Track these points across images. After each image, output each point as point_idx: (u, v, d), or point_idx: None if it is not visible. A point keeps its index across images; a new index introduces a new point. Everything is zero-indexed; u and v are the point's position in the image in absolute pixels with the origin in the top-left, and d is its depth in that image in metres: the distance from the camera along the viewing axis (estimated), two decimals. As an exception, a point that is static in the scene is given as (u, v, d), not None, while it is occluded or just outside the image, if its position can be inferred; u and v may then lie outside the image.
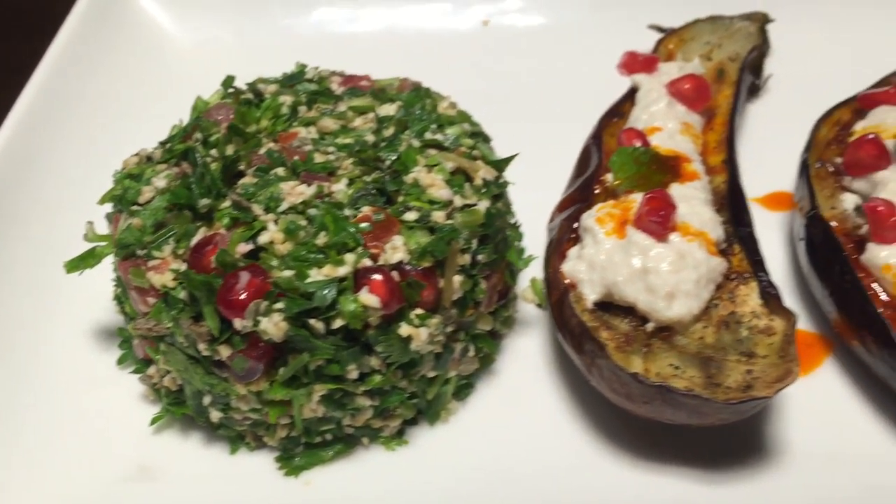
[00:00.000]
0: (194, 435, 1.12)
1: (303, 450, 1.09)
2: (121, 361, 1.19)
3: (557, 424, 1.12)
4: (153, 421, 1.12)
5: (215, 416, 1.07)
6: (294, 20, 1.75)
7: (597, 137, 1.37)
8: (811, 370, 1.17)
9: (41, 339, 1.20)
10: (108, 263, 1.14)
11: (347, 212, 1.04)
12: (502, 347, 1.21)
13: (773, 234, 1.34)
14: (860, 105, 1.41)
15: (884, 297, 1.11)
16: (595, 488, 1.05)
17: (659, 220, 1.09)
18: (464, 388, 1.15)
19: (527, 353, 1.21)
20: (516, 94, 1.63)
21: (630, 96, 1.45)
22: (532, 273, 1.27)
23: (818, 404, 1.12)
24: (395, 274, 1.00)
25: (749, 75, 1.56)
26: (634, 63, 1.50)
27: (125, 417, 1.13)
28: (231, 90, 1.26)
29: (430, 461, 1.09)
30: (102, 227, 1.14)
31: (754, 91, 1.61)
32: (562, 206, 1.26)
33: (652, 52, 1.58)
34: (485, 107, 1.53)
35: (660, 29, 1.67)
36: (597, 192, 1.26)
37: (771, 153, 1.44)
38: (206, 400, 1.06)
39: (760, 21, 1.65)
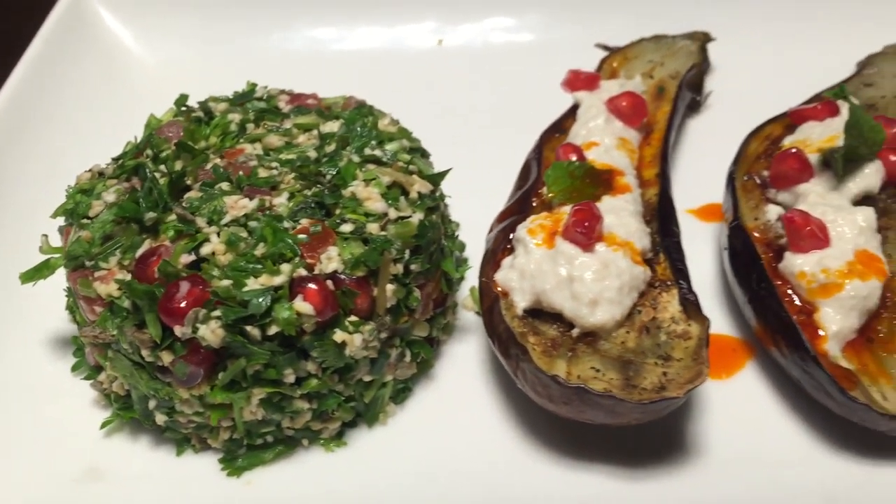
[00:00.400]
0: (143, 438, 1.17)
1: (245, 451, 1.13)
2: (74, 369, 1.23)
3: (491, 426, 1.17)
4: (103, 425, 1.17)
5: (161, 419, 1.11)
6: (255, 41, 1.80)
7: (537, 152, 1.42)
8: (733, 373, 1.22)
9: (-2, 348, 1.25)
10: (61, 274, 1.18)
11: (287, 224, 1.09)
12: (442, 353, 1.26)
13: (704, 245, 1.39)
14: (791, 120, 1.47)
15: (798, 303, 1.16)
16: (524, 486, 1.10)
17: (584, 231, 1.14)
18: (401, 392, 1.20)
19: (465, 358, 1.26)
20: (469, 111, 1.68)
21: (572, 112, 1.51)
22: (474, 282, 1.33)
23: (738, 406, 1.17)
24: (329, 283, 1.05)
25: (688, 92, 1.61)
26: (577, 81, 1.56)
27: (77, 422, 1.18)
28: (184, 108, 1.31)
29: (368, 462, 1.14)
30: (57, 240, 1.19)
31: (695, 107, 1.67)
32: (500, 218, 1.31)
33: (596, 70, 1.64)
34: (438, 123, 1.60)
35: (606, 48, 1.73)
36: (534, 204, 1.31)
37: (707, 166, 1.49)
38: (152, 404, 1.11)
39: (701, 40, 1.71)
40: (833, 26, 1.81)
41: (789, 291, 1.18)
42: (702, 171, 1.50)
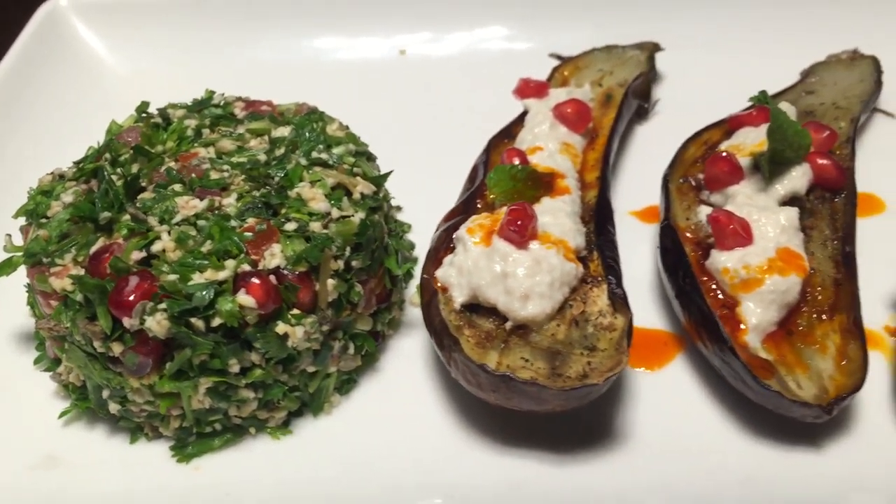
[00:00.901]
0: (99, 427, 1.22)
1: (195, 439, 1.19)
2: (36, 362, 1.28)
3: (431, 416, 1.22)
4: (61, 414, 1.22)
5: (114, 408, 1.17)
6: (224, 52, 1.86)
7: (485, 156, 1.48)
8: (663, 365, 1.27)
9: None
10: (23, 271, 1.24)
11: (234, 223, 1.15)
12: (388, 347, 1.32)
13: (643, 244, 1.45)
14: (729, 126, 1.53)
15: (721, 297, 1.22)
16: (459, 471, 1.15)
17: (517, 230, 1.20)
18: (346, 383, 1.25)
19: (410, 352, 1.31)
20: (428, 118, 1.74)
21: (521, 119, 1.57)
22: (422, 280, 1.38)
23: (665, 396, 1.22)
24: (272, 278, 1.11)
25: (635, 100, 1.67)
26: (527, 88, 1.62)
27: (37, 412, 1.23)
28: (144, 115, 1.37)
29: (312, 450, 1.19)
30: (20, 239, 1.25)
31: (643, 114, 1.73)
32: (446, 218, 1.37)
33: (547, 79, 1.70)
34: (397, 129, 1.67)
35: (559, 57, 1.80)
36: (479, 205, 1.37)
37: (651, 170, 1.54)
38: (105, 393, 1.16)
39: (650, 50, 1.77)
40: (780, 37, 1.87)
41: (714, 287, 1.24)
42: (646, 174, 1.55)
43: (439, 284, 1.23)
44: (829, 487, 1.10)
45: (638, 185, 1.55)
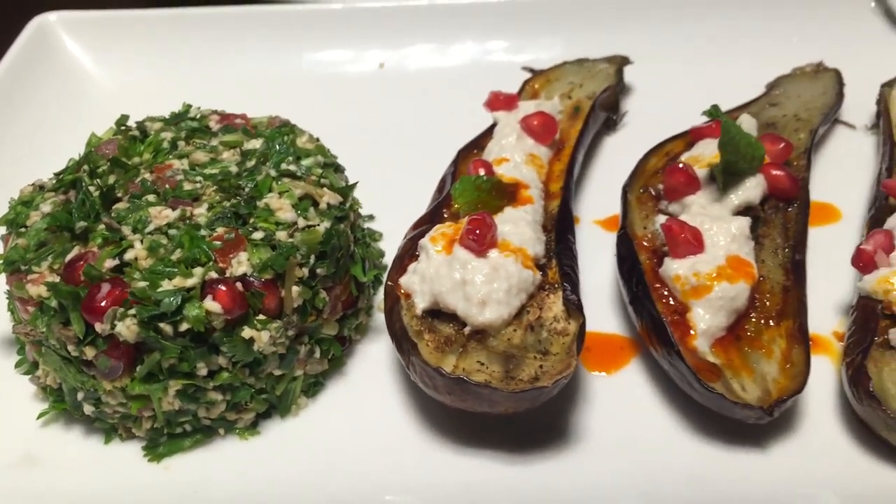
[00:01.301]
0: (75, 428, 1.26)
1: (166, 439, 1.23)
2: (17, 365, 1.33)
3: (394, 418, 1.26)
4: (40, 416, 1.26)
5: (88, 409, 1.21)
6: (206, 66, 1.91)
7: (453, 167, 1.53)
8: (619, 369, 1.32)
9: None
10: (2, 279, 1.29)
11: (204, 232, 1.20)
12: (354, 351, 1.36)
13: (605, 252, 1.49)
14: (691, 138, 1.57)
15: (673, 303, 1.27)
16: (420, 471, 1.20)
17: (476, 239, 1.24)
18: (313, 386, 1.30)
19: (377, 356, 1.36)
20: (404, 129, 1.79)
21: (490, 131, 1.61)
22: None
23: (619, 398, 1.27)
24: (239, 285, 1.16)
25: (603, 112, 1.72)
26: (497, 101, 1.67)
27: (17, 413, 1.28)
28: (123, 127, 1.42)
29: (280, 450, 1.24)
30: (1, 248, 1.30)
31: (611, 125, 1.77)
32: (413, 227, 1.41)
33: (518, 92, 1.75)
34: (376, 139, 1.72)
35: (531, 70, 1.84)
36: (445, 215, 1.41)
37: (616, 180, 1.57)
38: (80, 395, 1.21)
39: (619, 63, 1.82)
40: (748, 51, 1.92)
41: (666, 293, 1.28)
42: (612, 184, 1.58)
43: (402, 291, 1.27)
44: (772, 486, 1.15)
45: (604, 194, 1.59)
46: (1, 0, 2.36)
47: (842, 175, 1.62)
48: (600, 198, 1.60)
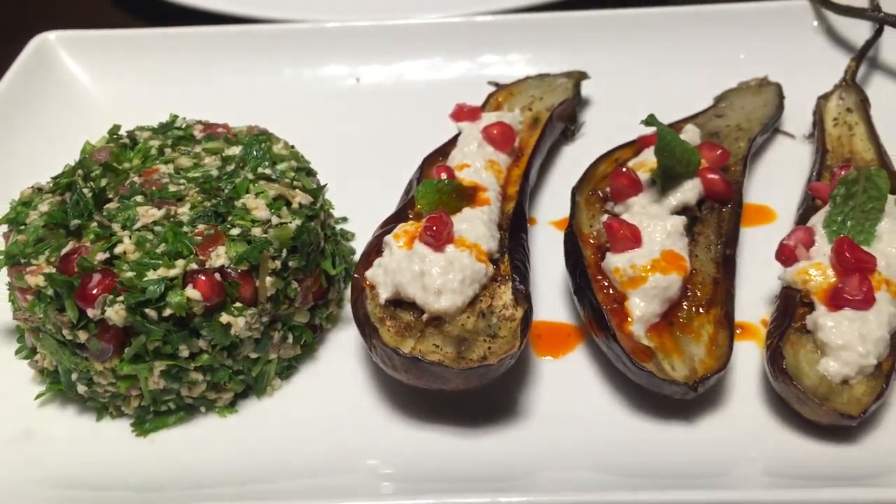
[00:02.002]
0: (70, 407, 1.38)
1: (152, 417, 1.35)
2: (18, 352, 1.44)
3: (360, 398, 1.37)
4: (37, 396, 1.38)
5: (81, 389, 1.33)
6: (195, 81, 2.03)
7: (419, 172, 1.65)
8: (565, 354, 1.43)
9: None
10: (4, 272, 1.40)
11: (186, 229, 1.32)
12: (325, 339, 1.48)
13: (558, 249, 1.59)
14: (638, 146, 1.69)
15: (612, 293, 1.39)
16: (381, 444, 1.31)
17: (433, 235, 1.36)
18: (287, 369, 1.41)
19: (346, 343, 1.47)
20: (377, 138, 1.91)
21: (455, 139, 1.73)
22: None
23: (564, 379, 1.38)
24: (217, 275, 1.27)
25: (560, 122, 1.85)
26: (461, 113, 1.79)
27: (17, 394, 1.39)
28: (115, 136, 1.54)
29: (255, 427, 1.35)
30: (2, 244, 1.41)
31: (569, 135, 1.90)
32: (381, 226, 1.52)
33: (482, 104, 1.87)
34: (351, 147, 1.84)
35: (495, 84, 1.97)
36: (410, 215, 1.53)
37: (571, 185, 1.70)
38: (74, 376, 1.32)
39: (577, 78, 1.95)
40: (698, 67, 2.03)
41: (607, 284, 1.40)
42: (567, 189, 1.69)
43: (368, 282, 1.39)
44: (698, 454, 1.26)
45: (559, 198, 1.71)
46: (5, 20, 2.50)
47: (779, 180, 1.74)
48: (556, 201, 1.72)
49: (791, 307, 1.35)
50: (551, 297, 1.52)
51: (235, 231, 1.31)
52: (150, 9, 2.39)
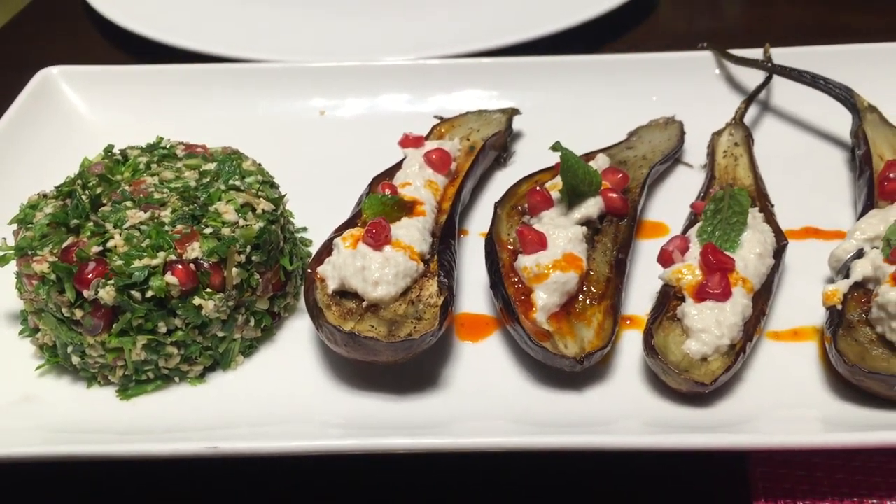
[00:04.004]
0: (65, 376, 1.59)
1: (134, 384, 1.57)
2: (21, 332, 1.67)
3: (310, 373, 1.58)
4: (38, 368, 1.60)
5: (76, 360, 1.55)
6: (177, 110, 2.27)
7: (368, 189, 1.90)
8: (483, 338, 1.67)
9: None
10: (12, 265, 1.63)
11: (167, 228, 1.55)
12: (283, 325, 1.71)
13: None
14: (556, 170, 1.95)
15: (521, 287, 1.63)
16: (328, 408, 1.53)
17: (373, 237, 1.60)
18: (249, 348, 1.64)
19: (299, 329, 1.69)
20: (336, 162, 2.14)
21: (401, 163, 1.99)
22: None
23: (480, 359, 1.60)
24: (192, 265, 1.51)
25: (493, 151, 2.11)
26: (407, 141, 2.05)
27: (20, 366, 1.60)
28: (109, 154, 1.78)
29: (221, 394, 1.56)
30: (12, 242, 1.64)
31: (501, 162, 2.16)
32: (335, 232, 1.76)
33: (427, 134, 2.13)
34: (313, 168, 2.08)
35: (439, 118, 2.23)
36: (358, 223, 1.78)
37: (499, 203, 1.95)
38: (70, 349, 1.54)
39: (510, 113, 2.21)
40: (616, 106, 2.29)
41: (517, 280, 1.65)
42: (496, 206, 1.96)
43: (318, 276, 1.63)
44: (586, 416, 1.49)
45: (490, 214, 1.95)
46: (15, 56, 2.75)
47: (675, 201, 1.99)
48: (486, 216, 1.92)
49: (666, 300, 1.60)
50: (474, 294, 1.76)
51: (208, 230, 1.55)
52: (142, 48, 2.65)
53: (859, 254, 1.66)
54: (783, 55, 2.29)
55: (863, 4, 2.92)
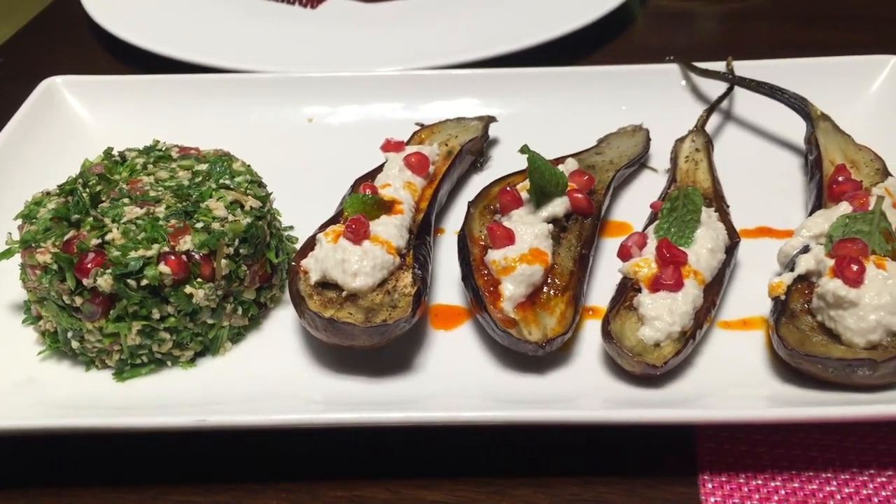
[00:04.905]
0: (65, 360, 1.69)
1: (129, 368, 1.67)
2: (25, 321, 1.77)
3: (294, 357, 1.69)
4: (40, 353, 1.70)
5: (75, 345, 1.65)
6: (173, 116, 2.38)
7: (351, 189, 2.01)
8: (456, 327, 1.77)
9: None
10: (16, 258, 1.73)
11: (161, 223, 1.66)
12: (269, 315, 1.81)
13: (458, 252, 1.95)
14: (527, 173, 2.06)
15: (489, 279, 1.74)
16: (311, 390, 1.63)
17: (352, 232, 1.71)
18: (237, 335, 1.74)
19: (284, 318, 1.79)
20: (322, 165, 2.24)
21: (382, 166, 2.10)
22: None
23: (452, 345, 1.70)
24: (184, 257, 1.61)
25: (470, 155, 2.22)
26: (389, 145, 2.15)
27: (23, 352, 1.71)
28: (109, 155, 1.89)
29: (210, 378, 1.66)
30: (17, 235, 1.75)
31: (478, 166, 2.27)
32: (318, 229, 1.87)
33: (407, 140, 2.24)
34: (302, 171, 2.18)
35: (420, 124, 2.34)
36: (341, 221, 1.88)
37: (474, 204, 2.06)
38: (70, 335, 1.65)
39: (486, 121, 2.32)
40: (588, 115, 2.40)
41: (486, 273, 1.75)
42: (472, 207, 2.07)
43: (302, 269, 1.73)
44: (548, 395, 1.59)
45: (464, 213, 2.07)
46: (21, 65, 2.87)
47: (640, 203, 2.09)
48: (462, 216, 2.06)
49: (624, 290, 1.71)
50: (448, 287, 1.87)
51: (199, 225, 1.66)
52: (142, 59, 2.77)
53: (805, 250, 1.76)
54: (745, 67, 2.41)
55: (829, 22, 3.05)
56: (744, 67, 2.41)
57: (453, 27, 2.94)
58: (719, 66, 2.43)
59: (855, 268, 1.58)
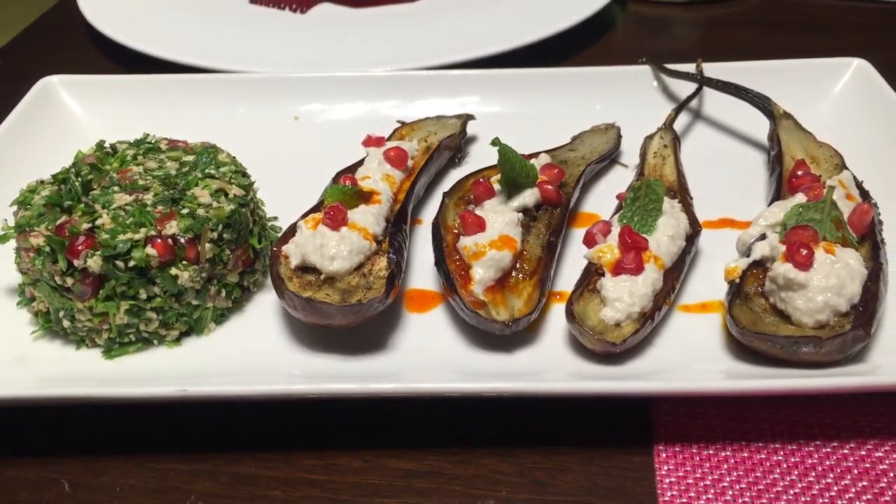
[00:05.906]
0: (57, 340, 1.77)
1: (117, 346, 1.76)
2: (19, 303, 1.86)
3: (274, 338, 1.77)
4: (33, 332, 1.79)
5: (66, 325, 1.74)
6: (164, 114, 2.46)
7: (333, 182, 2.10)
8: (429, 310, 1.85)
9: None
10: (12, 243, 1.82)
11: (149, 209, 1.75)
12: (252, 298, 1.90)
13: (434, 241, 2.04)
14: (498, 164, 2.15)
15: (460, 264, 1.83)
16: (290, 367, 1.71)
17: (331, 218, 1.80)
18: (221, 316, 1.82)
19: (266, 301, 1.88)
20: (306, 160, 2.32)
21: (363, 160, 2.19)
22: (281, 260, 1.96)
23: (426, 325, 1.78)
24: (170, 240, 1.70)
25: (448, 151, 2.31)
26: (370, 141, 2.24)
27: (16, 332, 1.79)
28: (100, 147, 1.98)
29: (194, 357, 1.74)
30: (12, 222, 1.84)
31: (456, 162, 2.36)
32: (303, 216, 1.96)
33: (388, 136, 2.33)
34: (287, 165, 2.27)
35: (402, 122, 2.44)
36: (322, 209, 1.97)
37: (451, 197, 2.14)
38: (61, 314, 1.73)
39: (465, 119, 2.41)
40: (562, 114, 2.49)
41: (458, 258, 1.84)
42: (449, 200, 2.15)
43: (283, 254, 1.82)
44: (515, 372, 1.68)
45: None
46: (21, 66, 2.96)
47: (609, 195, 2.18)
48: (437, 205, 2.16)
49: (588, 274, 1.79)
50: (423, 274, 1.95)
51: (185, 211, 1.74)
52: (135, 60, 2.86)
53: (762, 237, 1.85)
54: (715, 69, 2.50)
55: (803, 28, 3.16)
56: (714, 69, 2.50)
57: (437, 31, 3.04)
58: (691, 68, 2.52)
59: (804, 252, 1.66)
